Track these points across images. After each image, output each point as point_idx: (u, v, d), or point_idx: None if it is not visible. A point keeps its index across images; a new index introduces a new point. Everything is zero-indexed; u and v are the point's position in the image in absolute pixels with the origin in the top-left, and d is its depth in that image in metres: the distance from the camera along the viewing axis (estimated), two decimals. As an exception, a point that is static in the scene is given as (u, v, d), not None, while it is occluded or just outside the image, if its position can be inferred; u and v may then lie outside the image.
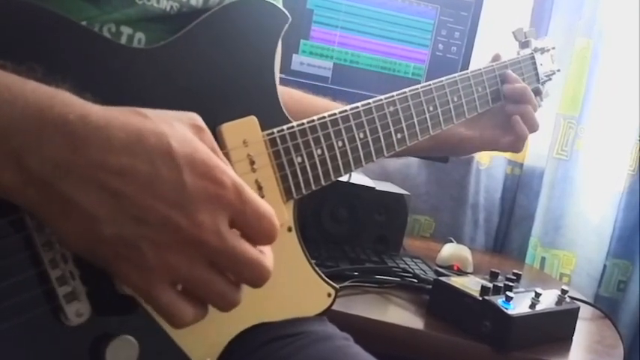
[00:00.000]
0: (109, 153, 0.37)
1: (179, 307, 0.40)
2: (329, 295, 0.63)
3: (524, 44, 0.94)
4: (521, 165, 1.46)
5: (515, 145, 0.88)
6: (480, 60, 0.91)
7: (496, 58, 0.88)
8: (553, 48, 0.98)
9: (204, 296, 0.41)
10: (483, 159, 1.43)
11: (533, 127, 0.88)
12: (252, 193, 0.41)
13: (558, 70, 0.99)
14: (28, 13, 0.43)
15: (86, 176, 0.37)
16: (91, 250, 0.39)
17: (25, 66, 0.39)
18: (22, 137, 0.36)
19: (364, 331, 0.71)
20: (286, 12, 0.58)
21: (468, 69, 1.13)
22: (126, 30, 0.52)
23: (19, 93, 0.36)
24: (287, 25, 0.58)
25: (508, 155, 1.44)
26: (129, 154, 0.37)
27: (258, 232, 0.41)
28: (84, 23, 0.49)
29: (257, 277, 0.41)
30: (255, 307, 0.56)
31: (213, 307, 0.42)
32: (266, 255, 0.42)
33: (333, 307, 0.63)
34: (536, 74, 0.93)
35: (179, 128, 0.40)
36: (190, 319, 0.41)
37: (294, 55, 1.16)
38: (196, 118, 0.43)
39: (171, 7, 0.54)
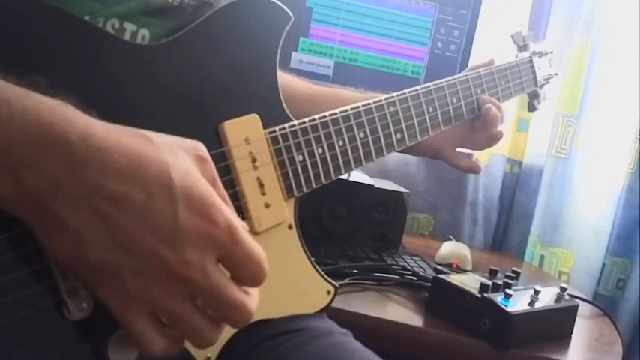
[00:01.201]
0: (106, 177, 0.36)
1: (150, 337, 0.40)
2: (328, 292, 0.63)
3: (522, 48, 0.95)
4: (520, 163, 1.46)
5: (488, 144, 0.88)
6: (478, 59, 0.91)
7: (490, 63, 0.88)
8: (551, 52, 0.98)
9: (180, 330, 0.41)
10: (482, 157, 1.44)
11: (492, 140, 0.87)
12: (244, 235, 0.40)
13: (556, 74, 1.00)
14: (31, 8, 0.43)
15: (80, 198, 0.36)
16: (75, 270, 0.39)
17: (27, 79, 0.38)
18: (21, 153, 0.35)
19: (363, 328, 0.72)
20: (289, 11, 0.59)
21: (466, 67, 1.13)
22: (130, 26, 0.52)
23: (19, 108, 0.36)
24: (290, 24, 0.59)
25: (507, 153, 1.45)
26: (126, 180, 0.37)
27: (246, 275, 0.41)
28: (87, 18, 0.49)
29: (238, 318, 0.41)
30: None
31: (189, 342, 0.42)
32: (250, 296, 0.41)
33: (333, 304, 0.63)
34: (535, 78, 0.94)
35: (182, 159, 0.39)
36: (159, 350, 0.40)
37: (293, 53, 1.17)
38: (201, 148, 0.42)
39: None
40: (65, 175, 0.36)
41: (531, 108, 1.00)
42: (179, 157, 0.39)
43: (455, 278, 0.84)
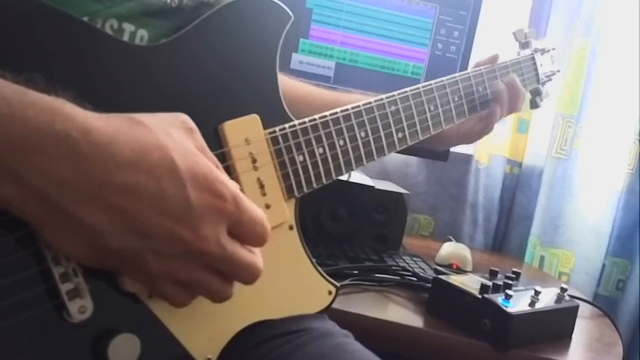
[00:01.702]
0: (114, 171, 0.37)
1: (179, 299, 0.44)
2: (330, 292, 0.63)
3: (524, 45, 0.94)
4: (520, 164, 1.46)
5: (486, 130, 0.88)
6: (479, 59, 0.91)
7: (494, 58, 0.88)
8: (553, 49, 0.98)
9: (201, 292, 0.45)
10: (482, 158, 1.44)
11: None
12: (248, 202, 0.44)
13: (558, 71, 0.99)
14: (29, 9, 0.43)
15: (91, 195, 0.37)
16: (99, 260, 0.41)
17: (24, 76, 0.38)
18: (21, 153, 0.35)
19: (364, 329, 0.71)
20: (289, 11, 0.59)
21: (467, 68, 1.13)
22: (128, 27, 0.52)
23: (18, 107, 0.36)
24: (290, 24, 0.58)
25: (507, 154, 1.45)
26: (134, 171, 0.38)
27: (253, 237, 0.44)
28: (85, 19, 0.49)
29: (250, 276, 0.45)
30: (257, 305, 0.56)
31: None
32: (257, 255, 0.45)
33: (333, 305, 0.63)
34: (537, 75, 0.94)
35: (177, 137, 0.41)
36: (189, 302, 0.45)
37: (293, 54, 1.17)
38: (186, 120, 0.44)
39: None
40: (72, 173, 0.36)
41: (534, 105, 0.99)
42: (174, 136, 0.41)
43: (455, 279, 0.84)
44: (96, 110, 0.39)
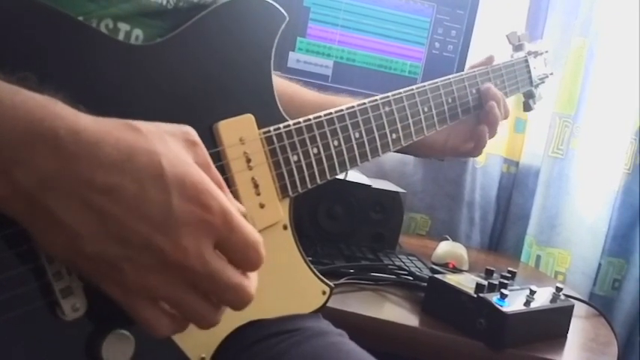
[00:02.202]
0: (98, 170, 0.36)
1: (156, 322, 0.41)
2: (324, 292, 0.63)
3: (517, 47, 0.95)
4: (517, 163, 1.46)
5: (475, 152, 0.86)
6: (476, 59, 0.91)
7: (490, 60, 0.88)
8: (546, 51, 0.98)
9: (183, 314, 0.41)
10: (479, 157, 1.44)
11: (493, 134, 0.85)
12: (240, 220, 0.40)
13: (551, 74, 1.00)
14: (23, 7, 0.43)
15: (72, 192, 0.36)
16: (74, 264, 0.39)
17: (17, 75, 0.38)
18: (11, 150, 0.35)
19: (359, 328, 0.72)
20: (284, 12, 0.59)
21: (464, 68, 1.13)
22: (123, 26, 0.52)
23: (9, 105, 0.36)
24: (284, 24, 0.59)
25: (504, 153, 1.45)
26: (118, 172, 0.37)
27: (243, 260, 0.41)
28: (80, 19, 0.49)
29: (238, 301, 0.41)
30: (251, 304, 0.56)
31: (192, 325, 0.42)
32: (250, 279, 0.42)
33: (329, 304, 0.63)
34: (530, 77, 0.94)
35: (173, 146, 0.39)
36: (169, 332, 0.41)
37: (290, 53, 1.17)
38: (190, 133, 0.42)
39: (168, 1, 0.54)
40: (55, 171, 0.36)
41: (527, 108, 0.99)
42: (169, 144, 0.39)
43: (451, 278, 0.85)
44: (90, 111, 0.39)
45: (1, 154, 0.35)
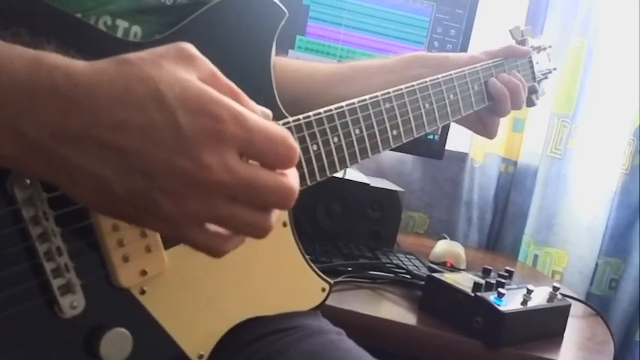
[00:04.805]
0: (101, 111, 0.36)
1: (213, 244, 0.40)
2: (323, 289, 0.63)
3: (520, 42, 0.94)
4: (515, 163, 1.47)
5: (488, 134, 0.88)
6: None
7: (489, 54, 0.88)
8: (550, 46, 0.98)
9: (235, 229, 0.40)
10: (478, 156, 1.44)
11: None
12: (256, 120, 0.38)
13: (555, 69, 0.99)
14: (21, 6, 0.43)
15: (83, 137, 0.36)
16: (111, 209, 0.39)
17: (10, 31, 0.38)
18: (13, 106, 0.35)
19: (357, 326, 0.72)
20: (283, 8, 0.58)
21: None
22: (122, 23, 0.52)
23: (6, 60, 0.36)
24: (284, 21, 0.58)
25: (502, 153, 1.45)
26: (120, 108, 0.36)
27: (275, 158, 0.39)
28: (79, 15, 0.49)
29: (282, 200, 0.40)
30: (249, 301, 0.56)
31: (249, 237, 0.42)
32: (287, 176, 0.40)
33: (327, 302, 0.63)
34: (532, 72, 0.94)
35: (168, 67, 0.38)
36: (230, 247, 0.41)
37: (289, 51, 1.16)
38: (184, 49, 0.40)
39: None
40: (61, 120, 0.36)
41: (530, 103, 0.99)
42: (164, 67, 0.38)
43: (448, 277, 0.85)
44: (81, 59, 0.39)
45: (4, 111, 0.35)
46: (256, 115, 0.39)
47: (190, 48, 0.40)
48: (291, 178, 0.40)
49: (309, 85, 0.80)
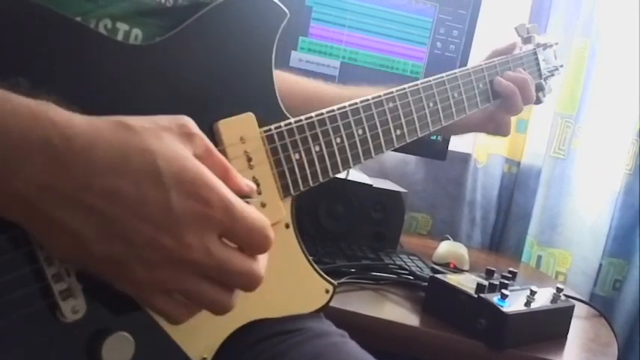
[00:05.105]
0: (94, 176, 0.37)
1: (171, 312, 0.42)
2: (327, 291, 0.63)
3: (526, 40, 0.93)
4: (519, 163, 1.46)
5: (498, 131, 0.88)
6: (478, 59, 0.91)
7: (496, 53, 0.88)
8: (556, 43, 0.97)
9: (197, 304, 0.42)
10: (481, 157, 1.44)
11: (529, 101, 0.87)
12: (241, 209, 0.40)
13: (561, 66, 0.98)
14: (20, 8, 0.43)
15: (72, 199, 0.36)
16: (82, 264, 0.40)
17: (8, 82, 0.38)
18: (5, 161, 0.35)
19: (360, 327, 0.71)
20: (284, 8, 0.58)
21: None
22: (122, 26, 0.52)
23: (0, 114, 0.35)
24: (285, 22, 0.58)
25: (506, 153, 1.45)
26: (114, 175, 0.37)
27: (250, 245, 0.42)
28: (78, 19, 0.48)
29: (247, 283, 0.42)
30: (253, 304, 0.56)
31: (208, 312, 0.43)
32: (258, 262, 0.42)
33: (330, 304, 0.63)
34: (539, 70, 0.93)
35: (167, 141, 0.39)
36: (185, 318, 0.43)
37: (292, 52, 1.16)
38: (186, 125, 0.42)
39: None
40: (52, 179, 0.36)
41: (536, 101, 0.99)
42: (164, 140, 0.39)
43: (451, 278, 0.84)
44: (88, 111, 0.39)
45: None
46: (241, 202, 0.41)
47: (191, 124, 0.42)
48: (261, 264, 0.43)
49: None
